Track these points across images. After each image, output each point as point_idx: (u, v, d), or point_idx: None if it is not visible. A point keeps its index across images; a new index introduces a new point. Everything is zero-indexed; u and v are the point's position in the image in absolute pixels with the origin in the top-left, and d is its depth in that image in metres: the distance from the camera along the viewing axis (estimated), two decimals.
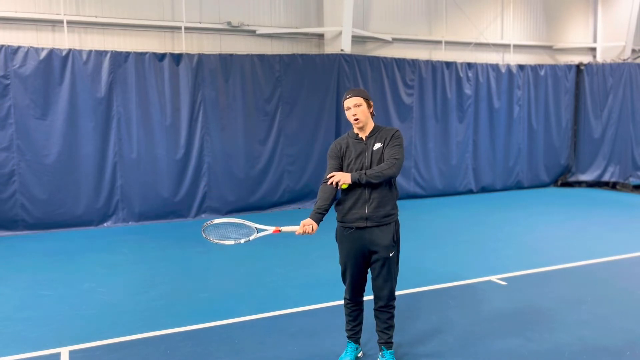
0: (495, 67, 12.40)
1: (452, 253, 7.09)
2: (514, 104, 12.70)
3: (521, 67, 12.72)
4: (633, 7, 13.05)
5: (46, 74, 8.67)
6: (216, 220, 3.79)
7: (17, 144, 8.59)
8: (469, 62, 12.10)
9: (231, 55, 9.88)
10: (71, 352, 4.16)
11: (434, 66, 11.69)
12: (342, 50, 10.62)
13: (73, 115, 8.88)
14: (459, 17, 12.44)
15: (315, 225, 3.61)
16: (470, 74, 12.09)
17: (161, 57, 9.38)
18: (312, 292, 5.50)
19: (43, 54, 8.63)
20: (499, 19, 12.99)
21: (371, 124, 3.77)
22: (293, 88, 10.35)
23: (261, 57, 10.09)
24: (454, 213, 10.07)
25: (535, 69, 12.88)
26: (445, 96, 11.85)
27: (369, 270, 3.82)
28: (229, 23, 10.19)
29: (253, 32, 10.47)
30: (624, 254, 6.81)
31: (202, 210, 9.86)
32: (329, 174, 3.70)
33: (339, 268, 3.88)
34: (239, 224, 3.79)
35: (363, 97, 3.71)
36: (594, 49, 14.11)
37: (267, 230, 3.68)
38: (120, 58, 9.10)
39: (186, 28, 9.92)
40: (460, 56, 12.46)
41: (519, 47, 13.33)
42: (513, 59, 13.16)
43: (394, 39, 11.78)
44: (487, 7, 12.81)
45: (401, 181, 11.30)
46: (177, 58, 9.50)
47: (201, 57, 9.63)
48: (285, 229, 3.63)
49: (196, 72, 9.61)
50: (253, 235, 3.75)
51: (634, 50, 13.74)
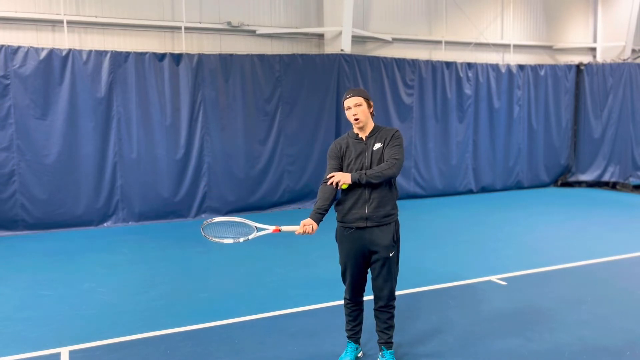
0: (495, 67, 12.40)
1: (452, 253, 7.09)
2: (514, 104, 12.70)
3: (521, 67, 12.72)
4: (633, 7, 13.05)
5: (46, 74, 8.67)
6: (216, 219, 3.79)
7: (17, 144, 8.59)
8: (469, 62, 12.10)
9: (231, 55, 9.89)
10: (71, 352, 4.16)
11: (434, 66, 11.69)
12: (342, 50, 10.62)
13: (73, 115, 8.88)
14: (459, 17, 12.45)
15: (315, 225, 3.61)
16: (470, 74, 12.09)
17: (161, 57, 9.39)
18: (312, 292, 5.50)
19: (43, 54, 8.63)
20: (499, 19, 12.99)
21: (371, 124, 3.77)
22: (293, 88, 10.35)
23: (261, 57, 10.09)
24: (454, 213, 10.07)
25: (535, 69, 12.88)
26: (445, 96, 11.85)
27: (369, 270, 3.82)
28: (229, 23, 10.19)
29: (253, 32, 10.47)
30: (624, 254, 6.81)
31: (202, 210, 9.86)
32: (329, 174, 3.70)
33: (339, 268, 3.88)
34: (239, 222, 3.79)
35: (363, 97, 3.71)
36: (594, 49, 14.11)
37: (267, 230, 3.68)
38: (120, 58, 9.10)
39: (186, 28, 9.92)
40: (460, 56, 12.46)
41: (519, 47, 13.33)
42: (513, 59, 13.16)
43: (394, 39, 11.78)
44: (487, 7, 12.81)
45: (401, 181, 11.30)
46: (177, 58, 9.50)
47: (201, 57, 9.64)
48: (285, 228, 3.63)
49: (196, 72, 9.62)
50: (252, 235, 3.75)
51: (634, 50, 13.74)
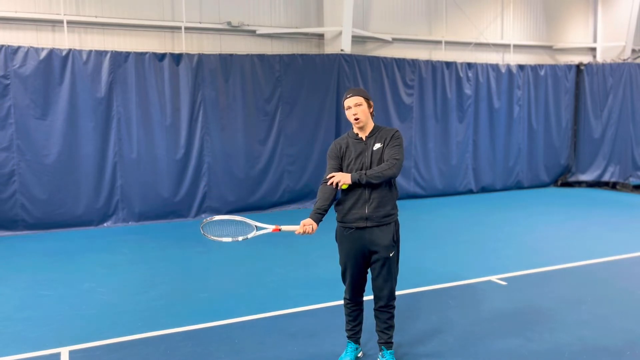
0: (495, 67, 12.40)
1: (452, 253, 7.09)
2: (514, 104, 12.70)
3: (521, 67, 12.71)
4: (633, 7, 13.05)
5: (46, 74, 8.67)
6: (216, 217, 3.80)
7: (17, 144, 8.59)
8: (469, 62, 12.10)
9: (231, 55, 9.89)
10: (71, 352, 4.16)
11: (434, 66, 11.68)
12: (342, 50, 10.62)
13: (73, 115, 8.88)
14: (459, 17, 12.45)
15: (315, 225, 3.61)
16: (470, 74, 12.09)
17: (161, 57, 9.38)
18: (312, 292, 5.50)
19: (43, 54, 8.63)
20: (499, 19, 12.99)
21: (371, 124, 3.77)
22: (293, 88, 10.35)
23: (261, 57, 10.09)
24: (454, 213, 10.07)
25: (535, 69, 12.88)
26: (445, 96, 11.85)
27: (369, 270, 3.82)
28: (229, 23, 10.19)
29: (253, 32, 10.47)
30: (624, 254, 6.81)
31: (202, 210, 9.86)
32: (329, 175, 3.70)
33: (339, 268, 3.88)
34: (239, 221, 3.79)
35: (364, 97, 3.71)
36: (594, 49, 14.11)
37: (267, 229, 3.68)
38: (120, 58, 9.10)
39: (186, 28, 9.92)
40: (460, 56, 12.46)
41: (519, 47, 13.33)
42: (513, 59, 13.16)
43: (394, 39, 11.78)
44: (487, 7, 12.81)
45: (401, 181, 11.30)
46: (177, 58, 9.50)
47: (201, 57, 9.64)
48: (285, 228, 3.63)
49: (196, 72, 9.62)
50: (252, 234, 3.75)
51: (634, 50, 13.73)
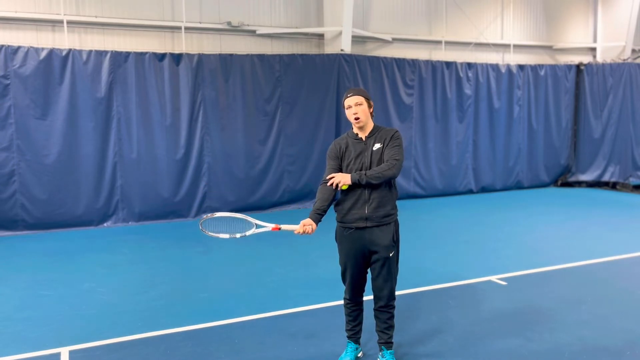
0: (495, 67, 12.40)
1: (452, 253, 7.09)
2: (514, 104, 12.70)
3: (521, 67, 12.71)
4: (633, 7, 13.05)
5: (46, 74, 8.67)
6: (217, 214, 3.80)
7: (17, 144, 8.59)
8: (469, 62, 12.10)
9: (231, 55, 9.89)
10: (71, 352, 4.16)
11: (434, 66, 11.68)
12: (342, 50, 10.62)
13: (73, 115, 8.88)
14: (459, 17, 12.44)
15: (314, 226, 3.62)
16: (470, 74, 12.09)
17: (161, 57, 9.38)
18: (312, 292, 5.50)
19: (43, 54, 8.63)
20: (499, 19, 12.99)
21: (371, 124, 3.77)
22: (293, 88, 10.35)
23: (261, 57, 10.09)
24: (454, 213, 10.07)
25: (535, 69, 12.88)
26: (445, 96, 11.85)
27: (369, 270, 3.82)
28: (229, 23, 10.19)
29: (253, 32, 10.47)
30: (624, 254, 6.81)
31: (202, 210, 9.85)
32: (329, 175, 3.70)
33: (339, 268, 3.88)
34: (239, 218, 3.80)
35: (364, 97, 3.71)
36: (594, 49, 14.11)
37: (266, 227, 3.68)
38: (120, 58, 9.10)
39: (186, 28, 9.92)
40: (460, 56, 12.46)
41: (519, 47, 13.33)
42: (513, 59, 13.15)
43: (394, 39, 11.78)
44: (487, 7, 12.81)
45: (401, 181, 11.29)
46: (177, 58, 9.50)
47: (201, 57, 9.63)
48: (285, 227, 3.63)
49: (196, 72, 9.62)
50: (250, 231, 3.75)
51: (634, 50, 13.73)
